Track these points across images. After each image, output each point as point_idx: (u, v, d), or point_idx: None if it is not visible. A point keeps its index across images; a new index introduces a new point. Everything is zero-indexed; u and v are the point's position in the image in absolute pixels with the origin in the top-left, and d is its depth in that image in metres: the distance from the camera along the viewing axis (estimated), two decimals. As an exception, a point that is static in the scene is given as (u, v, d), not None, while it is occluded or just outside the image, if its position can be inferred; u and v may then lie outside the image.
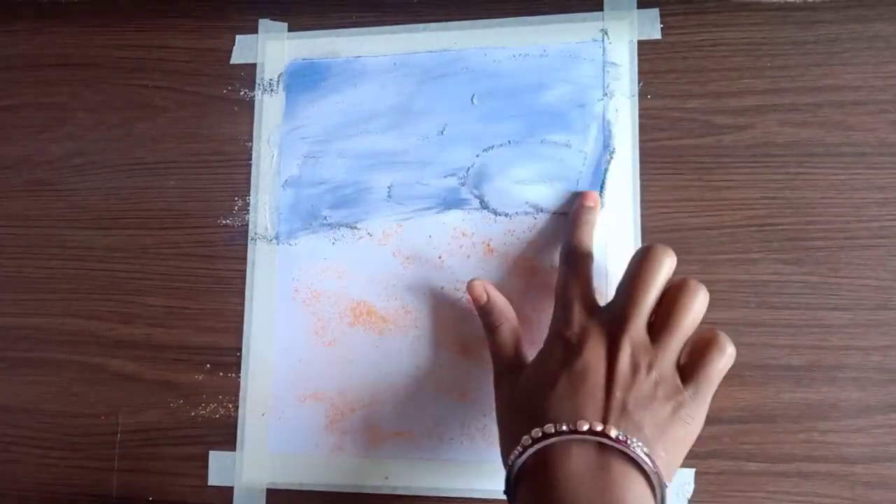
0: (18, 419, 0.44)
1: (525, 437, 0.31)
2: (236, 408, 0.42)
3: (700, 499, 0.38)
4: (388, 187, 0.43)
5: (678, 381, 0.32)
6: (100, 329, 0.44)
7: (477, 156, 0.42)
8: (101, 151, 0.46)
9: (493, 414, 0.39)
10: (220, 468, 0.42)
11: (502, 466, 0.39)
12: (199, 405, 0.42)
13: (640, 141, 0.41)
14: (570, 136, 0.42)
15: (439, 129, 0.43)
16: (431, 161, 0.42)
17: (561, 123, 0.42)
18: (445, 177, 0.42)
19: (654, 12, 0.42)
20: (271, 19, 0.46)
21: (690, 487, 0.38)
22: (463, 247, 0.41)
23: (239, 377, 0.42)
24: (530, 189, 0.41)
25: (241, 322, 0.43)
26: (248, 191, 0.44)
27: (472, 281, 0.38)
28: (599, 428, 0.29)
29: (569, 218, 0.40)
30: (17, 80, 0.48)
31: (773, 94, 0.40)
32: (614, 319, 0.33)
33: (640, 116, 0.41)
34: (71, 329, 0.44)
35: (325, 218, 0.43)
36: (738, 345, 0.38)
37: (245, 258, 0.43)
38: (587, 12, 0.43)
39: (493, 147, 0.42)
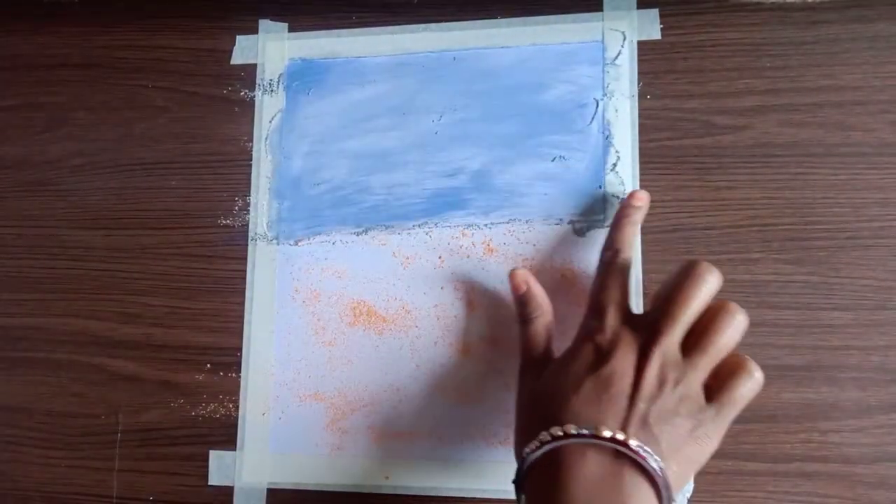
0: (18, 419, 0.44)
1: (544, 433, 0.31)
2: (236, 408, 0.42)
3: (700, 499, 0.38)
4: (388, 187, 0.43)
5: (702, 400, 0.32)
6: (100, 329, 0.44)
7: (477, 156, 0.42)
8: (101, 151, 0.46)
9: (493, 414, 0.39)
10: (220, 468, 0.42)
11: (502, 466, 0.39)
12: (199, 405, 0.42)
13: (640, 141, 0.41)
14: (570, 137, 0.42)
15: (439, 129, 0.43)
16: (431, 161, 0.42)
17: (561, 123, 0.42)
18: (445, 177, 0.42)
19: (654, 12, 0.42)
20: (271, 19, 0.46)
21: (690, 487, 0.38)
22: (463, 247, 0.41)
23: (239, 377, 0.42)
24: (530, 189, 0.41)
25: (241, 322, 0.43)
26: (248, 191, 0.44)
27: (514, 269, 0.38)
28: (621, 437, 0.29)
29: (614, 216, 0.39)
30: (17, 80, 0.48)
31: (773, 94, 0.40)
32: (648, 330, 0.32)
33: (640, 116, 0.41)
34: (71, 329, 0.44)
35: (326, 218, 0.43)
36: (738, 345, 0.38)
37: (245, 258, 0.43)
38: (587, 12, 0.43)
39: (493, 147, 0.42)
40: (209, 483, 0.42)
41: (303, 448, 0.41)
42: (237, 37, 0.46)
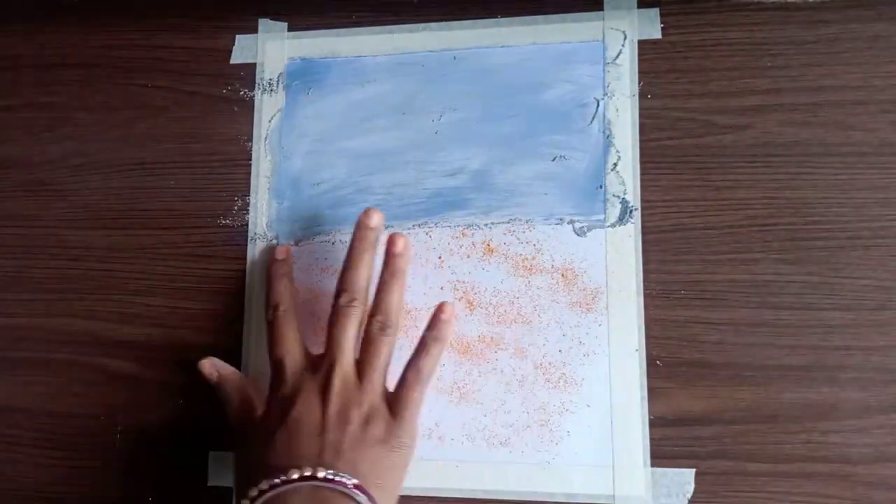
0: (18, 419, 0.44)
1: (244, 499, 0.32)
2: (236, 408, 0.42)
3: (700, 499, 0.37)
4: (388, 187, 0.43)
5: (386, 412, 0.35)
6: (100, 329, 0.44)
7: (477, 156, 0.42)
8: (101, 151, 0.46)
9: (493, 414, 0.39)
10: (220, 468, 0.42)
11: (502, 466, 0.39)
12: (198, 406, 0.42)
13: (641, 141, 0.41)
14: (570, 136, 0.42)
15: (439, 129, 0.43)
16: (431, 161, 0.42)
17: (561, 123, 0.42)
18: (445, 177, 0.42)
19: (654, 12, 0.42)
20: (271, 19, 0.46)
21: (691, 487, 0.38)
22: (463, 247, 0.41)
23: (239, 377, 0.42)
24: (530, 189, 0.41)
25: (241, 322, 0.43)
26: (248, 191, 0.44)
27: (202, 361, 0.40)
28: (308, 472, 0.32)
29: (267, 272, 0.41)
30: (17, 80, 0.48)
31: (773, 93, 0.40)
32: (322, 366, 0.36)
33: (641, 116, 0.41)
34: (71, 329, 0.44)
35: (325, 218, 0.43)
36: (738, 345, 0.38)
37: (245, 258, 0.43)
38: (587, 12, 0.42)
39: (493, 147, 0.42)
40: (209, 483, 0.42)
41: (303, 448, 0.41)
42: (237, 36, 0.46)
